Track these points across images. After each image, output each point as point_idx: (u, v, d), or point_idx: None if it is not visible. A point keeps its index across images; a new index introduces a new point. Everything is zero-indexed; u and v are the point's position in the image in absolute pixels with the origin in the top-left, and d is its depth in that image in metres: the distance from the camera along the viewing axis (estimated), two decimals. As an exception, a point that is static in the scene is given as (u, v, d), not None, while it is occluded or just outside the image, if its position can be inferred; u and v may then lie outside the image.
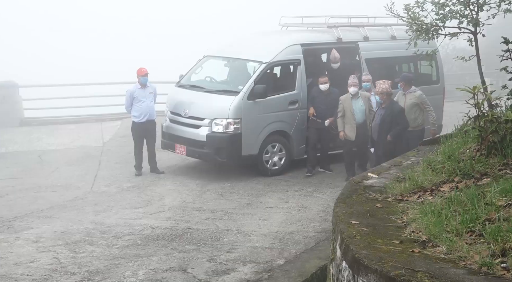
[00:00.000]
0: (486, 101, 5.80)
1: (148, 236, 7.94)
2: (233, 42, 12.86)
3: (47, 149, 13.41)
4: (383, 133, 9.72)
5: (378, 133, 9.87)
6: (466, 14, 8.50)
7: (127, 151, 12.29)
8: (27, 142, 14.15)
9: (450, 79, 17.25)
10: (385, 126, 9.72)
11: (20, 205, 9.57)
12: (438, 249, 3.96)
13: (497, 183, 4.65)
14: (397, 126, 9.74)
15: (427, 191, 5.16)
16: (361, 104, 10.52)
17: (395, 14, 8.99)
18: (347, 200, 5.31)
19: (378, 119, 9.92)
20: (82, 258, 7.14)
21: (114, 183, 10.77)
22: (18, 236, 7.98)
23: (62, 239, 7.85)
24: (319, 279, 6.51)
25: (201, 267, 6.87)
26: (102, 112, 17.33)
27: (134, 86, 11.21)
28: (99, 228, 8.28)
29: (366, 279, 3.83)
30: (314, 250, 7.43)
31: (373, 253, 3.95)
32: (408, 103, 10.18)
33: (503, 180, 4.73)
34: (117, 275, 6.63)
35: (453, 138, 6.48)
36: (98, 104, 17.87)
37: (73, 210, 9.23)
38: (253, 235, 8.02)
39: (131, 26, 43.70)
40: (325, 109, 10.82)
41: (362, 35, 12.24)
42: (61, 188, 10.60)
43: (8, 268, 6.83)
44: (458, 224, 4.18)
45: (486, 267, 3.60)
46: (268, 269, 6.81)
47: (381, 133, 9.76)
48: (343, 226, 4.57)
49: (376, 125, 9.93)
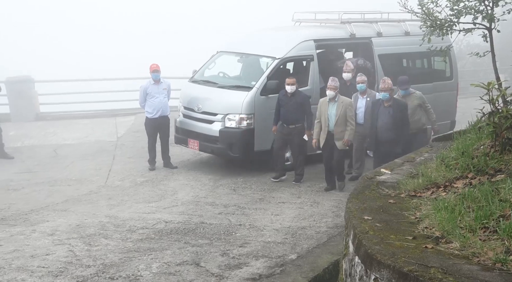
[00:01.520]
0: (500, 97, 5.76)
1: (162, 230, 7.97)
2: (246, 38, 12.83)
3: (62, 143, 13.50)
4: (395, 131, 9.28)
5: (388, 132, 9.32)
6: (481, 9, 8.43)
7: (141, 146, 12.35)
8: (42, 137, 14.27)
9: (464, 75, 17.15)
10: (396, 123, 9.31)
11: (35, 198, 9.66)
12: (452, 245, 3.95)
13: (511, 180, 4.62)
14: (407, 123, 9.47)
15: (441, 187, 5.14)
16: (335, 110, 9.61)
17: (409, 9, 8.95)
18: (360, 195, 5.31)
19: (387, 117, 9.39)
20: (96, 251, 7.17)
21: (128, 178, 10.82)
22: (34, 229, 8.04)
23: (77, 232, 7.89)
24: (331, 274, 6.50)
25: (214, 261, 6.88)
26: (116, 107, 17.40)
27: (147, 82, 11.25)
28: (113, 222, 8.32)
29: (379, 275, 3.83)
30: (326, 245, 7.42)
31: (386, 249, 3.95)
32: (411, 105, 9.88)
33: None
34: (131, 268, 6.65)
35: (467, 134, 6.46)
36: (112, 99, 17.97)
37: (87, 203, 9.29)
38: (265, 230, 8.02)
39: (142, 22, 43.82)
40: (286, 112, 10.08)
41: (376, 30, 12.18)
42: (76, 182, 10.67)
43: (24, 260, 6.88)
44: (471, 220, 4.17)
45: (500, 264, 3.59)
46: (280, 263, 6.80)
47: (391, 131, 9.29)
48: (356, 221, 4.57)
49: (386, 124, 9.36)
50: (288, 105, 10.06)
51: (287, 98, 10.09)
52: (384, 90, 9.42)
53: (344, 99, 9.66)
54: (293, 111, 10.05)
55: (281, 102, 10.17)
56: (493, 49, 8.59)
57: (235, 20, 39.22)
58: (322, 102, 9.77)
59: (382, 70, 11.91)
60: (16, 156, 12.36)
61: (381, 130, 9.43)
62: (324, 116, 9.62)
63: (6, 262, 6.83)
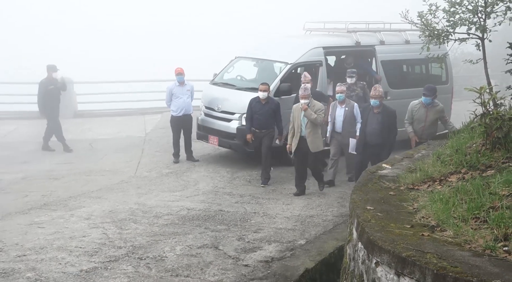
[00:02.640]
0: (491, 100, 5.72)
1: (185, 217, 8.00)
2: (261, 45, 12.83)
3: (97, 138, 13.57)
4: (383, 136, 8.83)
5: (376, 137, 8.85)
6: (475, 21, 8.39)
7: (166, 141, 12.39)
8: (80, 132, 14.34)
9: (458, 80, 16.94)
10: (384, 129, 8.81)
11: (74, 186, 9.73)
12: (446, 233, 3.94)
13: (500, 175, 4.60)
14: (394, 129, 8.95)
15: (436, 181, 5.12)
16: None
17: (409, 20, 8.91)
18: (363, 188, 5.30)
19: (375, 123, 8.89)
20: (127, 234, 7.22)
21: (154, 169, 10.87)
22: (72, 214, 8.10)
23: (110, 217, 7.94)
24: (336, 258, 6.49)
25: (231, 245, 6.90)
26: (145, 106, 17.48)
27: (173, 84, 11.29)
28: (141, 208, 8.36)
29: (380, 259, 3.83)
30: (332, 232, 7.41)
31: (386, 236, 3.95)
32: (431, 117, 9.10)
33: (506, 172, 4.67)
34: (157, 250, 6.69)
35: (461, 134, 6.42)
36: (141, 99, 18.05)
37: (119, 192, 9.34)
38: (277, 218, 8.03)
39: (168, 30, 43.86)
40: (259, 118, 9.67)
41: (379, 39, 12.11)
42: (109, 172, 10.73)
43: (64, 241, 6.95)
44: (464, 211, 4.15)
45: (490, 250, 3.57)
46: (290, 248, 6.81)
47: (379, 136, 8.84)
48: (359, 211, 4.56)
49: (374, 129, 8.87)
50: (261, 111, 9.62)
51: (261, 105, 9.65)
52: (375, 98, 8.88)
53: (315, 103, 8.99)
54: (266, 116, 9.62)
55: (254, 108, 9.70)
56: (485, 57, 8.53)
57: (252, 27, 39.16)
58: (295, 108, 9.12)
59: (385, 75, 11.85)
60: (57, 149, 12.46)
61: (369, 134, 8.93)
62: (297, 122, 8.99)
63: (48, 242, 6.92)
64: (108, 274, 5.98)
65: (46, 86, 12.36)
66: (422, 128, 9.18)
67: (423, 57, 9.89)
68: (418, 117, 9.17)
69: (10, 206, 8.56)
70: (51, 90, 12.34)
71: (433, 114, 9.15)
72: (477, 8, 8.31)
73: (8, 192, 9.48)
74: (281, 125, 9.88)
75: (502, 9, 8.33)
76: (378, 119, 8.90)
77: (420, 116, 9.16)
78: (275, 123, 9.84)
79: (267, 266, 6.21)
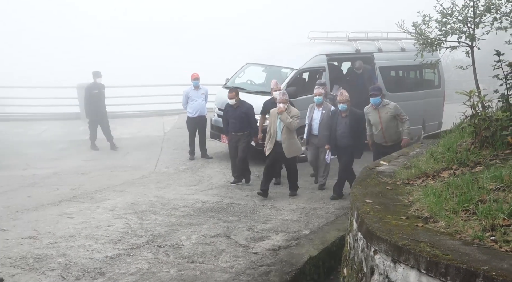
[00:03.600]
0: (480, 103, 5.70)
1: (199, 209, 8.03)
2: (269, 52, 12.85)
3: (120, 137, 13.65)
4: (351, 138, 8.45)
5: (346, 139, 8.50)
6: (465, 30, 8.39)
7: (183, 140, 12.42)
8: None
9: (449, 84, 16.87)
10: (353, 132, 8.43)
11: (99, 181, 9.79)
12: (438, 224, 3.93)
13: (488, 171, 4.58)
14: (363, 131, 8.53)
15: (430, 177, 5.10)
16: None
17: (405, 30, 8.91)
18: (362, 182, 5.29)
19: (344, 127, 8.51)
20: (147, 224, 7.26)
21: (172, 165, 10.91)
22: (98, 205, 8.16)
23: (132, 208, 7.99)
24: (338, 247, 6.49)
25: (242, 234, 6.92)
26: (163, 108, 17.53)
27: (189, 88, 11.34)
28: (160, 201, 8.40)
29: (378, 247, 3.83)
30: (334, 223, 7.42)
31: (383, 226, 3.94)
32: (385, 117, 8.14)
33: (493, 168, 4.66)
34: (175, 238, 6.73)
35: (452, 133, 6.40)
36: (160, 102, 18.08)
37: (140, 186, 9.39)
38: (284, 210, 8.04)
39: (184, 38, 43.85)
40: (233, 122, 9.36)
41: (377, 47, 12.09)
42: (131, 168, 10.78)
43: (91, 230, 7.01)
44: (455, 204, 4.14)
45: (478, 240, 3.56)
46: (296, 237, 6.82)
47: (349, 138, 8.48)
48: (359, 204, 4.56)
49: (344, 133, 8.50)
50: (234, 115, 9.33)
51: (233, 109, 9.35)
52: (342, 102, 8.48)
53: (292, 109, 8.57)
54: (240, 120, 9.31)
55: (228, 113, 9.47)
56: (474, 63, 8.52)
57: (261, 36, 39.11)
58: (272, 112, 8.68)
59: (382, 80, 11.82)
60: (85, 146, 12.54)
61: (339, 138, 8.57)
62: (273, 126, 8.57)
63: (77, 231, 6.98)
64: (130, 260, 6.03)
65: (91, 91, 12.43)
66: (382, 132, 8.28)
67: (418, 63, 9.88)
68: (373, 121, 8.30)
69: (43, 198, 8.64)
70: (95, 94, 12.40)
71: (385, 114, 8.13)
72: (467, 19, 8.30)
73: (41, 185, 9.56)
74: (255, 127, 9.55)
75: (490, 19, 8.32)
76: (346, 123, 8.51)
77: (375, 119, 8.25)
78: (249, 125, 9.45)
79: (274, 254, 6.23)
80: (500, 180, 4.30)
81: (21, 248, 6.33)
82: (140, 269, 5.77)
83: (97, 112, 12.38)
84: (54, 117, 16.21)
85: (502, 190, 4.15)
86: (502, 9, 8.30)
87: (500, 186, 4.20)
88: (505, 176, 4.29)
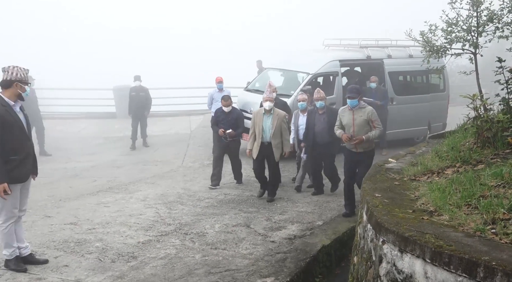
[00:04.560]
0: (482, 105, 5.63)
1: (222, 200, 8.07)
2: (286, 58, 12.84)
3: (151, 134, 13.75)
4: (330, 134, 7.83)
5: (324, 135, 8.02)
6: (468, 39, 8.29)
7: (208, 138, 12.48)
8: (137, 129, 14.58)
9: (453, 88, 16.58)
10: (331, 128, 7.68)
11: (133, 174, 9.92)
12: (442, 217, 3.90)
13: (489, 169, 4.52)
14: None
15: (435, 173, 5.06)
16: (270, 122, 7.88)
17: (413, 38, 8.82)
18: (372, 178, 5.27)
19: (322, 123, 8.02)
20: (175, 214, 7.33)
21: (198, 160, 10.99)
22: (131, 196, 8.26)
23: (161, 199, 8.07)
24: (348, 237, 6.48)
25: (260, 224, 6.94)
26: (190, 109, 17.67)
27: (213, 90, 11.39)
28: (187, 193, 8.47)
29: (386, 238, 3.82)
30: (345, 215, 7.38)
31: (391, 219, 3.93)
32: (359, 119, 7.01)
33: (494, 166, 4.59)
34: (199, 227, 6.78)
35: (456, 134, 6.31)
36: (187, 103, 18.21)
37: (168, 179, 9.47)
38: (299, 202, 8.03)
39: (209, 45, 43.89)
40: (226, 127, 8.78)
41: (386, 53, 11.97)
42: (160, 163, 10.89)
43: (125, 218, 7.11)
44: (458, 199, 4.10)
45: (480, 232, 3.53)
46: (310, 228, 6.82)
47: (327, 134, 7.95)
48: (369, 198, 4.55)
49: (323, 129, 8.01)
50: (225, 120, 8.78)
51: (225, 114, 8.79)
52: (319, 99, 8.03)
53: (279, 111, 7.98)
54: (229, 125, 8.76)
55: (219, 118, 8.88)
56: (477, 69, 8.40)
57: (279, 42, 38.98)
58: (256, 113, 8.02)
59: (391, 84, 11.72)
60: (120, 143, 12.71)
61: (318, 134, 8.06)
62: (258, 127, 7.88)
63: (113, 218, 7.09)
64: (160, 245, 6.10)
65: (131, 92, 12.69)
66: (353, 134, 7.10)
67: (424, 69, 9.78)
68: (347, 122, 7.13)
69: (82, 189, 8.80)
70: (133, 96, 12.58)
71: (360, 117, 7.01)
72: (471, 28, 8.20)
73: (81, 177, 9.74)
74: (241, 131, 8.94)
75: (492, 29, 8.21)
76: (324, 119, 8.04)
77: (348, 121, 7.09)
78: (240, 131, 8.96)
79: (290, 242, 6.24)
80: (501, 177, 4.24)
81: (63, 233, 6.47)
82: (168, 254, 5.84)
83: (136, 112, 12.55)
84: (92, 116, 16.49)
85: (502, 186, 4.10)
86: (503, 19, 8.19)
87: (501, 183, 4.15)
88: (505, 174, 4.24)
